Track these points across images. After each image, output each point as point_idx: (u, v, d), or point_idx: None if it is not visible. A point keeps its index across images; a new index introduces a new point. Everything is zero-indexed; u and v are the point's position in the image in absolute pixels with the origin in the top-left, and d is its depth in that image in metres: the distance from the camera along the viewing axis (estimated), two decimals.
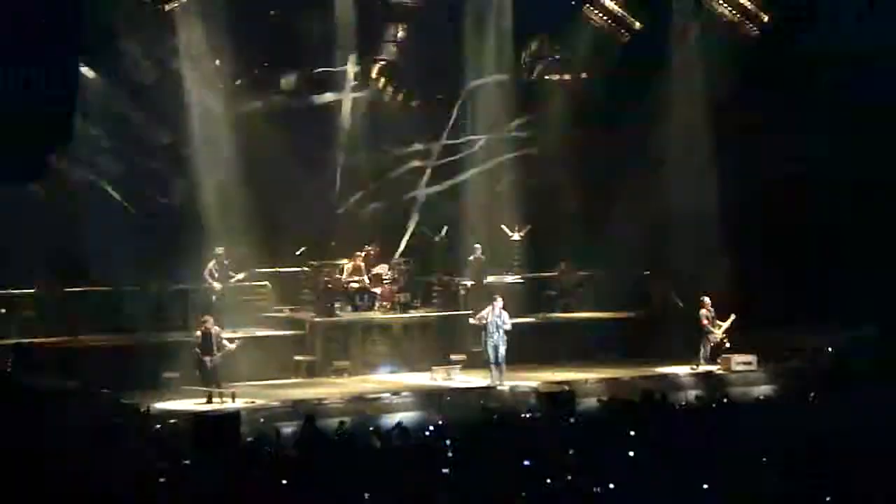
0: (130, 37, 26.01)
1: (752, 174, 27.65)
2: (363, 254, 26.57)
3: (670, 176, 28.08)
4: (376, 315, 25.93)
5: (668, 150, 28.36)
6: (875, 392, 18.24)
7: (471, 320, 24.52)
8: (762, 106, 27.37)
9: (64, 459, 13.97)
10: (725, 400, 20.26)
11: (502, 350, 23.44)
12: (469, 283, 27.24)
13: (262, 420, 19.92)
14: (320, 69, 27.91)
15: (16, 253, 24.53)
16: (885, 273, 26.01)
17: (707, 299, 25.08)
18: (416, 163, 29.23)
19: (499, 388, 23.08)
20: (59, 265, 25.08)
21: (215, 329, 22.24)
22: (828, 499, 11.98)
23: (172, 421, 19.53)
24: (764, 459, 13.31)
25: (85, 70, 25.33)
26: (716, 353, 24.89)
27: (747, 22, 28.66)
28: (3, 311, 24.53)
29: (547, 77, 29.84)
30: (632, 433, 15.31)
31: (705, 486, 12.37)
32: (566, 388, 21.83)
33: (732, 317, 24.91)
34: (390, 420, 19.31)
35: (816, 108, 27.07)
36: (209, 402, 21.61)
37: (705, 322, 24.99)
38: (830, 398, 18.41)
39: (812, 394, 19.63)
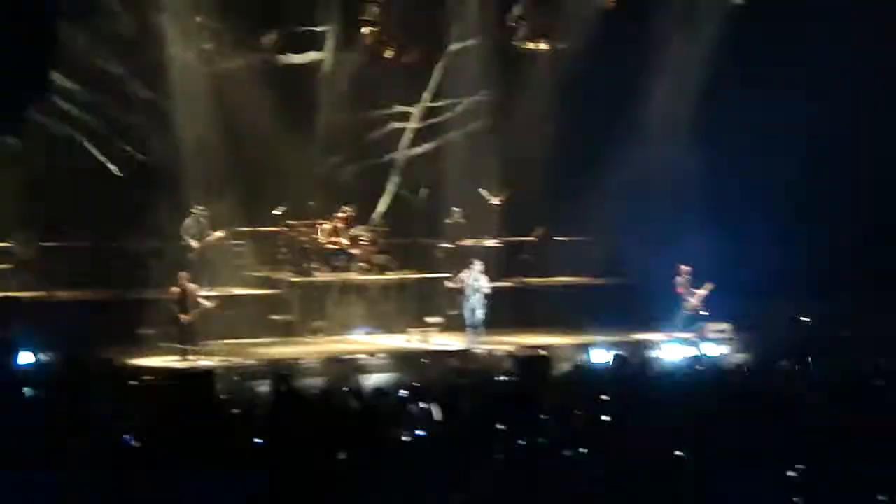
0: None
1: (737, 140, 27.65)
2: (342, 215, 26.53)
3: (652, 143, 28.08)
4: (354, 276, 25.92)
5: (650, 115, 28.36)
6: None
7: (448, 283, 24.53)
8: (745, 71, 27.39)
9: (37, 412, 13.93)
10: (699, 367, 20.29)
11: (479, 313, 23.50)
12: (447, 246, 27.25)
13: (236, 378, 19.92)
14: (301, 28, 27.73)
15: None
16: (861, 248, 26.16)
17: (684, 267, 25.14)
18: (396, 124, 29.17)
19: (475, 350, 23.13)
20: (36, 220, 24.96)
21: (192, 287, 22.21)
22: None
23: (147, 377, 19.49)
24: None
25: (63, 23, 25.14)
26: (691, 321, 24.96)
27: None
28: None
29: (530, 42, 29.73)
30: (605, 397, 15.36)
31: (678, 454, 12.41)
32: (542, 352, 21.88)
33: (709, 285, 24.97)
34: (366, 381, 19.33)
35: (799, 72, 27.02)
36: (184, 359, 21.60)
37: (681, 290, 25.06)
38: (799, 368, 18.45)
39: (783, 363, 19.69)
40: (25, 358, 18.40)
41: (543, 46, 29.57)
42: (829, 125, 26.23)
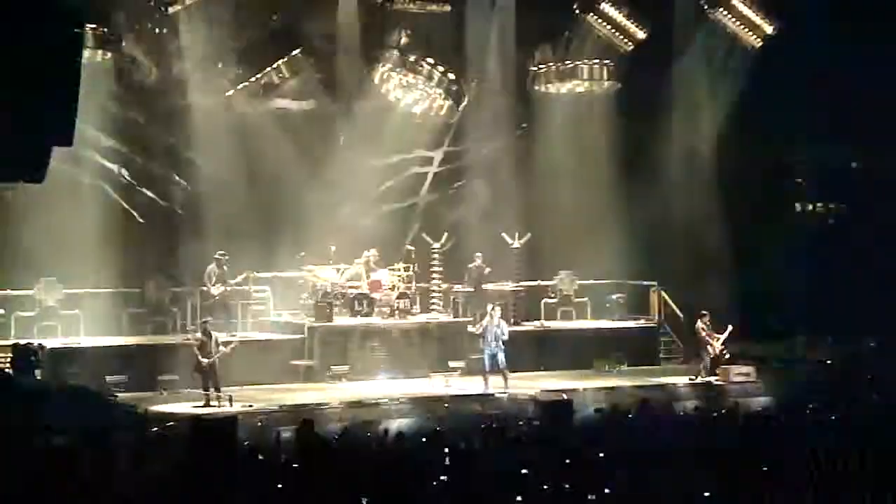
0: (133, 38, 26.09)
1: (753, 185, 27.69)
2: (363, 259, 26.58)
3: (672, 187, 28.12)
4: (375, 321, 25.92)
5: (669, 161, 28.43)
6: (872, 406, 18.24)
7: (469, 328, 24.51)
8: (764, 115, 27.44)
9: (62, 460, 13.95)
10: (724, 411, 20.20)
11: (501, 357, 23.45)
12: (469, 291, 27.26)
13: (259, 424, 19.89)
14: (322, 74, 27.89)
15: (15, 253, 24.56)
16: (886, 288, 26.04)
17: (705, 312, 25.08)
18: (417, 169, 29.25)
19: (497, 395, 23.07)
20: (59, 266, 25.08)
21: (214, 332, 22.24)
22: None
23: (170, 424, 19.50)
24: (764, 469, 13.30)
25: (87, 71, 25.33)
26: (715, 365, 24.88)
27: (750, 32, 28.70)
28: (2, 311, 24.55)
29: (550, 86, 29.81)
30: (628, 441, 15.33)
31: (706, 494, 12.36)
32: (564, 396, 21.81)
33: (729, 328, 24.90)
34: (388, 426, 19.26)
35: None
36: (207, 405, 21.60)
37: (703, 334, 24.99)
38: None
39: (811, 406, 19.59)
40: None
41: (564, 90, 29.64)
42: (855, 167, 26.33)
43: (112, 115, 25.96)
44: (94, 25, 25.42)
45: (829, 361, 24.92)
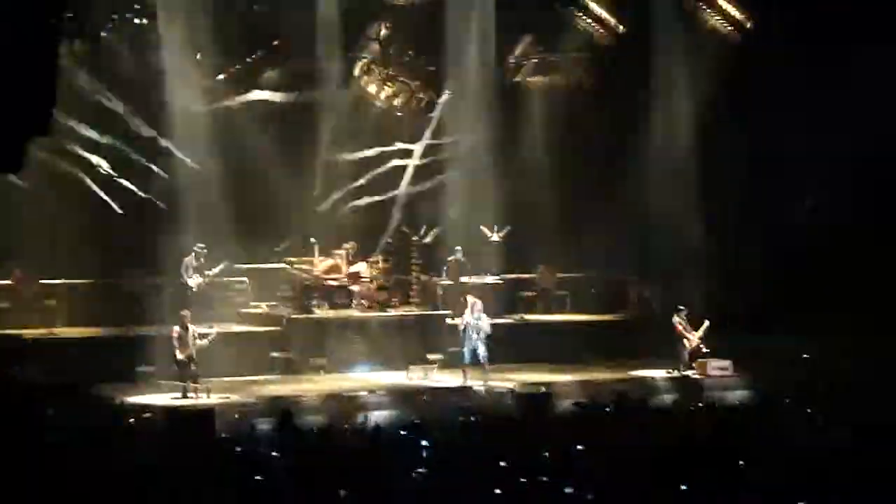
0: (112, 29, 25.98)
1: (735, 177, 27.72)
2: (342, 251, 26.54)
3: (651, 179, 28.18)
4: (354, 313, 25.90)
5: (649, 154, 28.48)
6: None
7: (449, 321, 24.52)
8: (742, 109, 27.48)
9: (42, 454, 13.89)
10: (700, 405, 20.26)
11: (482, 351, 23.47)
12: (448, 283, 27.26)
13: (236, 416, 19.86)
14: (302, 65, 27.82)
15: None
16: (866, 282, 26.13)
17: (682, 307, 25.12)
18: (397, 161, 29.22)
19: (476, 388, 23.09)
20: (36, 257, 24.99)
21: (192, 324, 22.19)
22: None
23: (146, 415, 19.44)
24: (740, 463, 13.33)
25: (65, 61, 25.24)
26: (692, 359, 24.94)
27: (731, 27, 28.74)
28: None
29: (530, 79, 29.81)
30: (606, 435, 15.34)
31: (682, 487, 12.38)
32: (543, 389, 21.85)
33: (706, 323, 24.95)
34: (366, 418, 19.26)
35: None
36: (184, 397, 21.55)
37: (679, 328, 25.04)
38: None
39: (786, 401, 19.65)
40: None
41: (545, 80, 29.65)
42: (829, 161, 26.35)
43: (90, 105, 25.82)
44: (71, 14, 25.37)
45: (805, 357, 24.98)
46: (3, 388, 18.49)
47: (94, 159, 26.25)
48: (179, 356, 21.77)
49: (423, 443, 15.04)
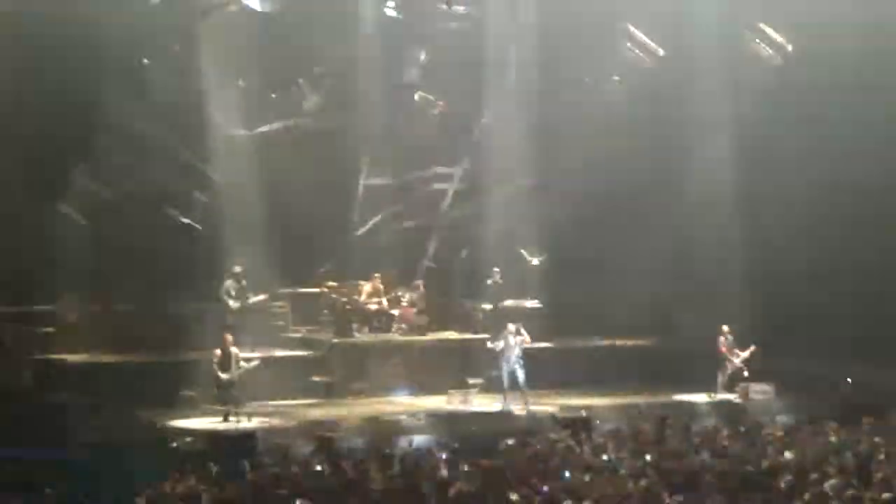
0: (154, 54, 26.24)
1: (775, 202, 27.56)
2: (382, 276, 26.60)
3: (693, 203, 28.02)
4: (394, 337, 25.93)
5: (691, 178, 28.30)
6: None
7: (489, 344, 24.51)
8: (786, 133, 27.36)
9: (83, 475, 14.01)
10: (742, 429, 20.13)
11: (521, 374, 23.44)
12: (487, 307, 27.23)
13: (278, 440, 19.91)
14: (342, 91, 27.96)
15: (38, 270, 24.68)
16: None
17: (725, 327, 25.03)
18: (438, 185, 29.25)
19: (516, 412, 23.05)
20: (80, 282, 25.18)
21: (233, 348, 22.29)
22: None
23: (189, 439, 19.54)
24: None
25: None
26: (734, 382, 24.80)
27: (771, 50, 28.63)
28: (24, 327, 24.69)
29: (568, 102, 29.75)
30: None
31: None
32: (584, 413, 21.78)
33: (752, 347, 24.82)
34: (407, 442, 19.27)
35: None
36: (226, 420, 21.62)
37: (723, 350, 24.93)
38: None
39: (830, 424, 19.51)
40: None
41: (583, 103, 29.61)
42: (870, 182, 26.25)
43: (132, 131, 26.03)
44: (116, 43, 25.68)
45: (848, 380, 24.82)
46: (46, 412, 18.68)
47: (135, 184, 26.42)
48: (221, 378, 21.86)
49: (464, 467, 15.08)
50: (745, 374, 24.81)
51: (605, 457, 16.37)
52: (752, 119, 27.68)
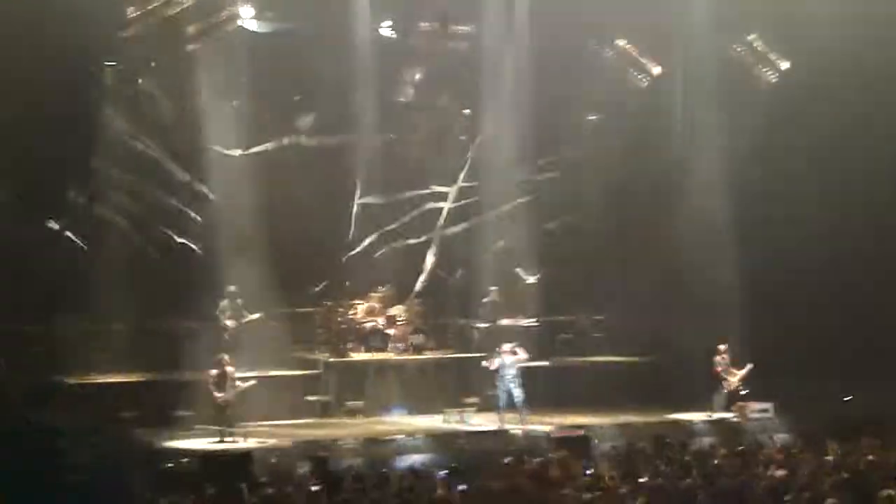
0: (150, 75, 26.26)
1: (771, 220, 27.55)
2: (378, 294, 26.56)
3: (688, 222, 28.00)
4: (390, 356, 25.88)
5: (686, 196, 28.30)
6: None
7: (484, 363, 24.45)
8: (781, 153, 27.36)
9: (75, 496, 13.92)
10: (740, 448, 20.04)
11: (517, 393, 23.38)
12: (484, 326, 27.19)
13: (274, 460, 19.84)
14: (337, 110, 27.96)
15: (31, 289, 24.60)
16: None
17: (722, 346, 24.98)
18: (432, 204, 29.24)
19: (511, 431, 22.98)
20: (74, 302, 25.11)
21: (229, 368, 22.22)
22: None
23: (184, 460, 19.46)
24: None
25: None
26: (731, 401, 24.72)
27: (765, 68, 28.66)
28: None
29: (565, 119, 29.78)
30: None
31: None
32: (580, 432, 21.71)
33: (749, 366, 24.76)
34: (403, 462, 19.21)
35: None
36: (221, 441, 21.55)
37: (719, 369, 24.87)
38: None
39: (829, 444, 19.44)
40: None
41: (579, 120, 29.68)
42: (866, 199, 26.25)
43: (127, 150, 26.04)
44: (112, 63, 25.73)
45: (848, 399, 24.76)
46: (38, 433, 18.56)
47: (130, 203, 26.40)
48: (217, 398, 21.80)
49: (461, 486, 15.01)
50: (742, 392, 24.73)
51: (602, 475, 16.27)
52: (748, 137, 27.69)
